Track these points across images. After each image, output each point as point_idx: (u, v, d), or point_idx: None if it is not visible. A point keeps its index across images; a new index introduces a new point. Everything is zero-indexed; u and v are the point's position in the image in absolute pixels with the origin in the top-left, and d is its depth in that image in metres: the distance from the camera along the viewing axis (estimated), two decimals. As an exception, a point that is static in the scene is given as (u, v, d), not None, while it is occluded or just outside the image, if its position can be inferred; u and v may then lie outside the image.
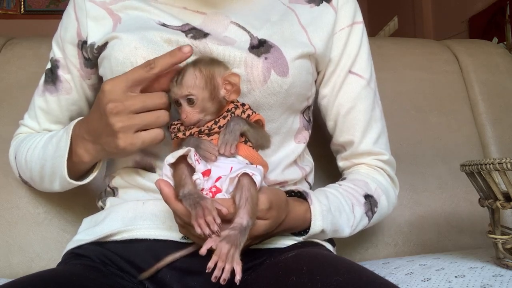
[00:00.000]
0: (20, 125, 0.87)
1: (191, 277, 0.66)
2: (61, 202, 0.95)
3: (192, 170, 0.60)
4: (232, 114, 0.64)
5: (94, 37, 0.75)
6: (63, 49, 0.80)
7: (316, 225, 0.68)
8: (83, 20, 0.77)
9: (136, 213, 0.70)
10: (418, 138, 1.10)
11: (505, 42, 2.38)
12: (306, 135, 0.81)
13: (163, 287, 0.66)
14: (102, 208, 0.77)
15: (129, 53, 0.69)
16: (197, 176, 0.59)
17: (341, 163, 0.87)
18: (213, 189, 0.59)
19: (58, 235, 0.93)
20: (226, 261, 0.52)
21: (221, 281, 0.52)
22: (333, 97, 0.81)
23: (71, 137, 0.71)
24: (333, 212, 0.71)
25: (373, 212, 0.78)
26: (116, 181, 0.77)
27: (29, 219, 0.93)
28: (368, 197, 0.78)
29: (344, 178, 0.83)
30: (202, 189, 0.59)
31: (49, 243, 0.92)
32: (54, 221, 0.94)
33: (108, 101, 0.63)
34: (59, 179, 0.75)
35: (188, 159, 0.59)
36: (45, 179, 0.78)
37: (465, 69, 1.20)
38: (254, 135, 0.64)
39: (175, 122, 0.67)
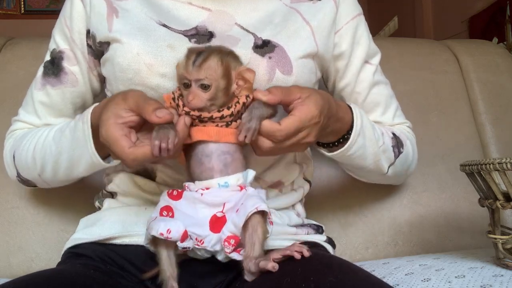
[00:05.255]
0: (13, 122, 0.82)
1: (196, 278, 0.66)
2: (61, 202, 0.94)
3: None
4: (238, 104, 0.61)
5: (94, 28, 0.74)
6: (72, 39, 0.77)
7: (357, 118, 0.73)
8: (88, 8, 0.75)
9: (137, 218, 0.70)
10: (418, 138, 1.09)
11: (505, 42, 2.38)
12: None
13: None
14: (99, 208, 0.77)
15: (131, 60, 0.68)
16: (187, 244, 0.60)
17: None
18: (232, 241, 0.60)
19: (58, 235, 0.93)
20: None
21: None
22: (350, 87, 0.83)
23: (91, 125, 0.66)
24: (369, 120, 0.77)
25: (400, 152, 0.82)
26: (113, 187, 0.77)
27: (29, 219, 0.93)
28: (395, 136, 0.82)
29: None
30: (202, 241, 0.61)
31: (49, 243, 0.92)
32: (54, 221, 0.94)
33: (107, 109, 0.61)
34: (84, 164, 0.70)
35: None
36: (60, 171, 0.74)
37: (465, 69, 1.20)
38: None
39: (175, 91, 0.63)
